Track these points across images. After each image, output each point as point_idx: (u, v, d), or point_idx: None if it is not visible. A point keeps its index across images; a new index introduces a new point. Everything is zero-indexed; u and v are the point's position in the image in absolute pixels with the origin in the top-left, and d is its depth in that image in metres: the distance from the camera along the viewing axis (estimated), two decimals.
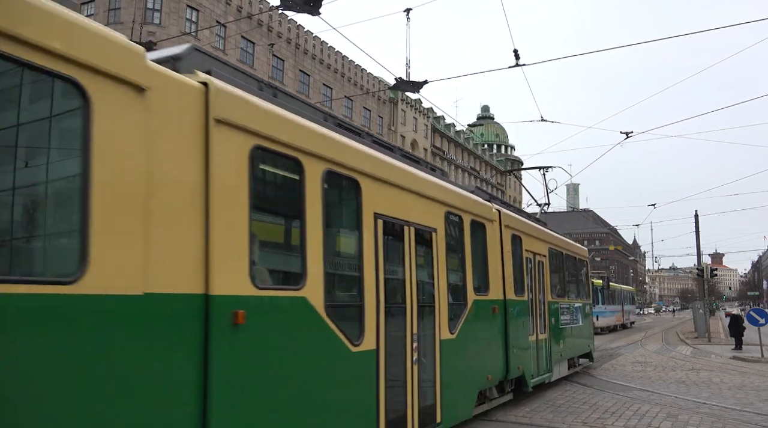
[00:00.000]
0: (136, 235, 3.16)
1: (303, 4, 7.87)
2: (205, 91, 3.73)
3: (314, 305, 4.46)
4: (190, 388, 3.33)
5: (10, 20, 2.65)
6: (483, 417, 8.35)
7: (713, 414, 8.88)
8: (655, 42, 9.83)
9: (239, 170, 3.90)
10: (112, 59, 3.11)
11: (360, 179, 5.21)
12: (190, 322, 3.41)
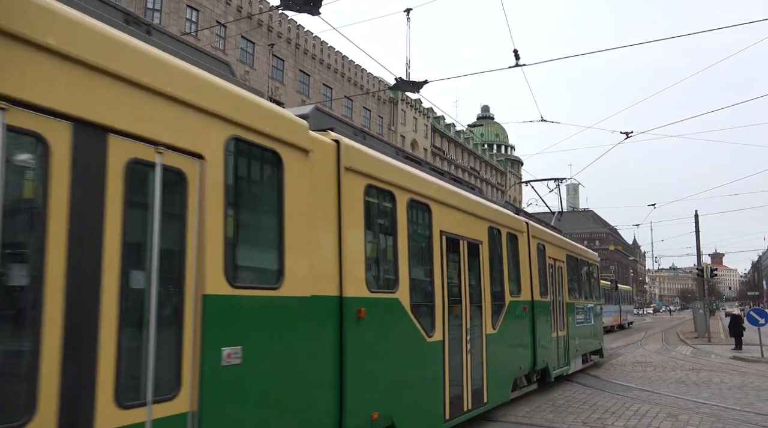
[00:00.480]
0: (306, 254, 4.58)
1: (303, 4, 7.87)
2: (336, 147, 5.16)
3: (404, 305, 5.93)
4: (333, 356, 4.90)
5: (258, 120, 4.22)
6: (483, 417, 8.35)
7: (713, 414, 8.88)
8: (655, 42, 9.85)
9: (358, 204, 5.33)
10: (294, 134, 4.54)
11: (431, 204, 6.76)
12: (333, 315, 4.93)
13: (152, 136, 3.35)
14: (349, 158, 5.23)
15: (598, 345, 15.78)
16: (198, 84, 3.75)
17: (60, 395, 2.77)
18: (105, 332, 3.02)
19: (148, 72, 3.38)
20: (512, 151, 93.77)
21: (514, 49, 10.23)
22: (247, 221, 4.38)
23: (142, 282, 3.30)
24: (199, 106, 3.69)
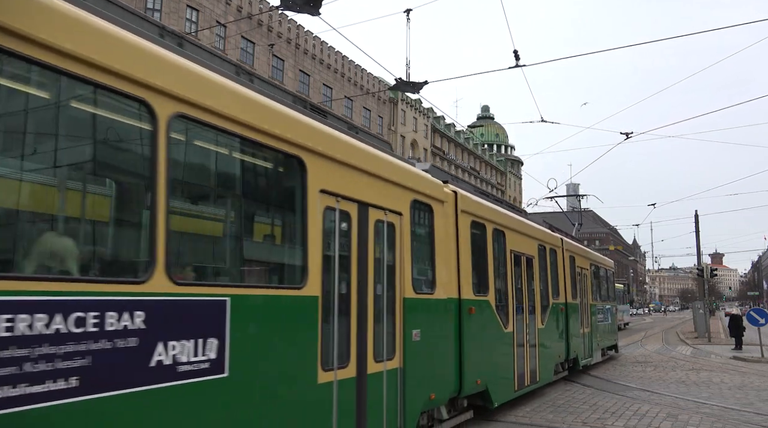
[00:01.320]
0: (445, 271, 7.05)
1: (303, 4, 7.87)
2: (455, 196, 7.65)
3: (492, 305, 8.44)
4: (456, 338, 7.30)
5: (423, 187, 6.75)
6: (483, 417, 8.36)
7: (713, 414, 8.88)
8: (655, 43, 9.85)
9: (466, 234, 7.82)
10: (439, 192, 7.09)
11: (506, 231, 9.36)
12: (455, 311, 7.33)
13: (387, 205, 5.93)
14: (463, 203, 7.83)
15: (614, 341, 18.50)
16: (399, 169, 6.36)
17: (357, 354, 5.26)
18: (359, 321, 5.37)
19: (388, 170, 6.06)
20: (512, 151, 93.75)
21: (514, 49, 10.24)
22: (418, 250, 6.69)
23: (380, 290, 5.77)
24: (400, 183, 6.25)
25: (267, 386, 4.23)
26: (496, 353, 8.58)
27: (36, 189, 3.35)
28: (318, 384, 4.73)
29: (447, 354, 7.02)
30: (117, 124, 3.62)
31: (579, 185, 73.41)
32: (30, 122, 3.19)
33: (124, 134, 3.67)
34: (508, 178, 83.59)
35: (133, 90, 3.40)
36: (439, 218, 7.01)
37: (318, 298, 4.76)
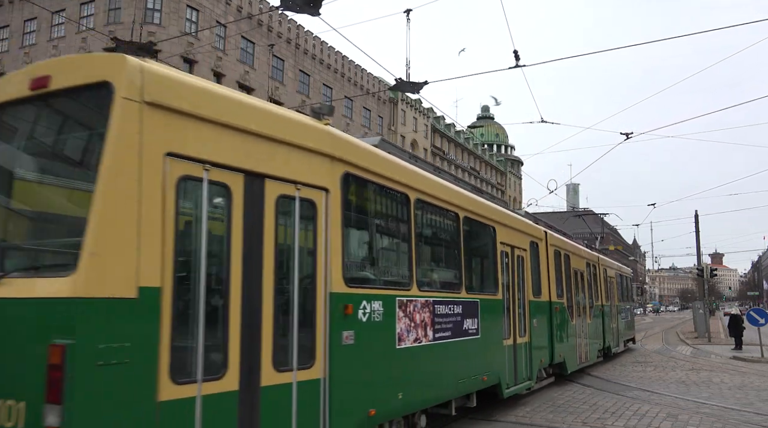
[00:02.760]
0: (547, 285, 11.22)
1: (303, 5, 7.87)
2: (545, 234, 11.78)
3: (565, 305, 12.33)
4: (549, 328, 11.16)
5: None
6: (483, 416, 8.36)
7: (713, 414, 8.88)
8: (655, 43, 9.87)
9: (552, 260, 11.60)
10: (541, 234, 11.38)
11: (570, 255, 13.29)
12: (548, 309, 11.16)
13: (521, 245, 10.17)
14: (551, 240, 11.87)
15: (633, 334, 22.94)
16: (525, 223, 10.62)
17: (513, 333, 9.39)
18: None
19: (522, 225, 10.61)
20: (512, 151, 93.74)
21: (514, 49, 10.23)
22: (533, 271, 10.71)
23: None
24: (525, 231, 10.39)
25: (491, 343, 8.40)
26: (568, 338, 12.52)
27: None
28: (506, 344, 8.96)
29: (546, 336, 11.02)
30: (398, 207, 6.47)
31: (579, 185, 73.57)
32: (373, 220, 6.15)
33: (399, 211, 6.46)
34: (508, 178, 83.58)
35: (401, 188, 6.36)
36: (541, 250, 11.18)
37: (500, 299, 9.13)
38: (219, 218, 4.19)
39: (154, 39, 31.46)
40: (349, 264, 5.29)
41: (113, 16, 33.92)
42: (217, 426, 3.85)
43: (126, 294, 3.46)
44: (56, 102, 4.02)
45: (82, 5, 35.22)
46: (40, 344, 3.24)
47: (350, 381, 5.06)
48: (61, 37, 35.90)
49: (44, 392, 3.17)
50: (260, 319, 4.26)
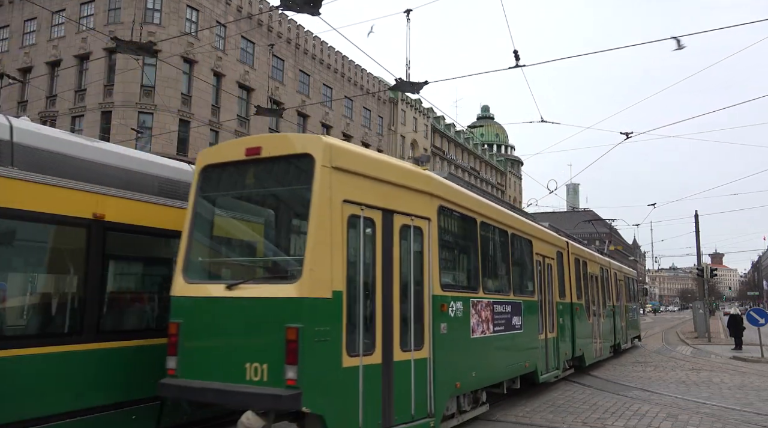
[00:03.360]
0: (573, 291, 13.15)
1: (303, 5, 7.87)
2: (567, 244, 13.37)
3: (583, 305, 14.02)
4: (572, 325, 12.87)
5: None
6: (483, 416, 8.36)
7: (713, 414, 8.88)
8: (655, 43, 9.85)
9: (573, 266, 13.40)
10: (564, 245, 13.18)
11: (588, 262, 15.19)
12: (572, 310, 12.93)
13: (549, 255, 11.97)
14: (572, 249, 13.57)
15: (638, 332, 24.60)
16: (554, 236, 12.69)
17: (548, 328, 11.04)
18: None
19: (551, 237, 12.43)
20: (512, 151, 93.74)
21: (514, 49, 10.23)
22: (559, 277, 12.38)
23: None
24: (553, 243, 12.17)
25: (530, 337, 9.93)
26: (585, 335, 13.96)
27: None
28: (539, 338, 10.59)
29: (569, 332, 12.59)
30: (469, 228, 8.10)
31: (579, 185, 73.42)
32: (455, 242, 7.98)
33: (470, 231, 8.08)
34: (508, 178, 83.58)
35: (471, 214, 8.00)
36: (564, 258, 12.85)
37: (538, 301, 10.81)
38: (368, 243, 5.86)
39: (154, 39, 31.41)
40: (442, 274, 6.91)
41: (113, 16, 33.92)
42: (370, 385, 5.60)
43: (327, 295, 5.24)
44: (265, 164, 5.89)
45: (82, 5, 35.20)
46: (277, 327, 5.05)
47: (445, 360, 6.72)
48: (61, 37, 35.89)
49: (284, 357, 4.97)
50: (392, 314, 5.93)
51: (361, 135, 50.57)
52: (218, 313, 5.54)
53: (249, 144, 5.94)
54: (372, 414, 5.62)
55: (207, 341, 5.53)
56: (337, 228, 5.42)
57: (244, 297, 5.34)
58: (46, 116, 35.42)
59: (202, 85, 34.85)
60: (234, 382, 5.16)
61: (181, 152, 33.74)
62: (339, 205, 5.48)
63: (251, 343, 5.24)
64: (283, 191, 6.22)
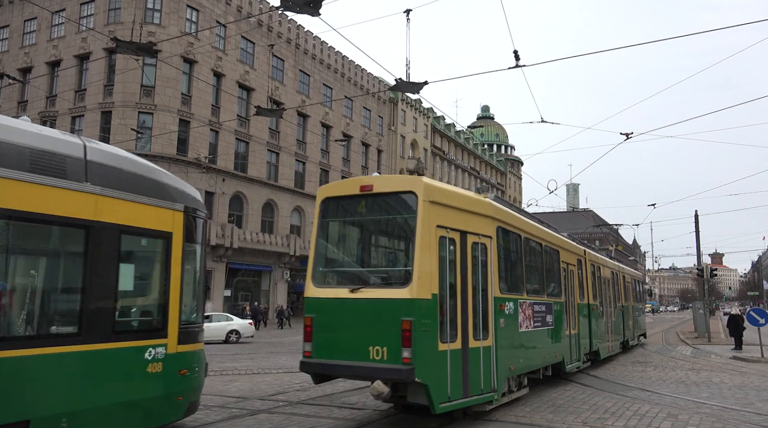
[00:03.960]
0: (591, 292, 14.85)
1: (303, 5, 7.87)
2: (584, 253, 15.01)
3: (598, 306, 15.62)
4: (588, 321, 14.27)
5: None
6: (483, 416, 8.36)
7: (713, 414, 8.87)
8: (655, 43, 9.85)
9: (590, 272, 15.06)
10: (582, 253, 14.71)
11: (601, 267, 16.82)
12: (590, 310, 14.48)
13: (571, 261, 13.51)
14: (588, 256, 15.09)
15: (644, 330, 26.07)
16: (576, 246, 14.43)
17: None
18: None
19: (572, 246, 14.14)
20: (512, 151, 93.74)
21: (514, 49, 10.23)
22: (580, 282, 14.07)
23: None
24: (573, 251, 13.74)
25: (559, 333, 11.50)
26: (600, 332, 15.57)
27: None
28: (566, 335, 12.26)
29: (587, 329, 14.08)
30: (516, 243, 9.69)
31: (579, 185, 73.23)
32: (524, 259, 10.08)
33: (516, 245, 9.72)
34: (508, 178, 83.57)
35: (517, 231, 9.71)
36: (582, 264, 14.37)
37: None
38: (452, 256, 7.62)
39: (154, 39, 31.42)
40: (500, 280, 8.64)
41: (113, 16, 33.93)
42: (454, 365, 7.34)
43: (428, 297, 7.05)
44: (375, 198, 7.74)
45: (82, 5, 35.22)
46: (395, 319, 6.85)
47: (503, 348, 8.50)
48: (61, 37, 35.90)
49: (401, 342, 6.77)
50: (467, 311, 7.72)
51: (361, 135, 50.57)
52: (344, 310, 7.34)
53: (362, 182, 7.84)
54: (456, 387, 7.39)
55: (335, 330, 7.36)
56: (433, 246, 7.29)
57: (366, 298, 7.20)
58: (46, 116, 35.43)
59: (202, 85, 34.84)
60: (360, 360, 6.99)
61: (181, 152, 33.76)
62: (434, 229, 7.34)
63: (373, 331, 6.99)
64: (392, 218, 8.04)
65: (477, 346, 7.78)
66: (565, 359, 11.96)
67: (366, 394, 10.04)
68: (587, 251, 15.32)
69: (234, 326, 25.35)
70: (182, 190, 6.81)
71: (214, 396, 10.29)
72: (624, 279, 20.60)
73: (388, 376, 6.81)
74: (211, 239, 33.90)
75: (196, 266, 7.09)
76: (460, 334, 7.50)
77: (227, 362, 16.42)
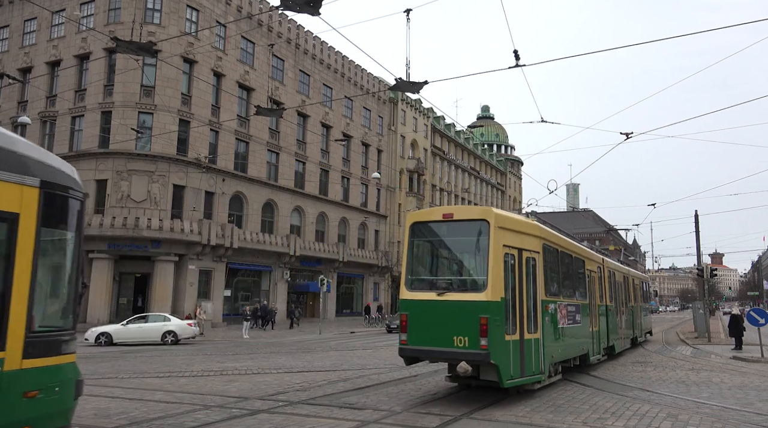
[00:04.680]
0: (610, 294, 17.50)
1: (303, 4, 7.88)
2: (603, 260, 17.39)
3: (614, 307, 17.85)
4: (606, 319, 16.30)
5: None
6: (483, 416, 8.36)
7: (713, 414, 8.88)
8: (655, 43, 9.81)
9: (609, 277, 17.26)
10: (601, 261, 17.10)
11: (615, 272, 18.76)
12: (607, 310, 16.56)
13: (593, 268, 15.37)
14: (607, 264, 17.32)
15: (650, 328, 28.83)
16: (595, 256, 16.31)
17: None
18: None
19: (592, 253, 16.21)
20: (512, 151, 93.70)
21: (514, 49, 10.23)
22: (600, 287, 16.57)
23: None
24: (593, 259, 15.65)
25: (585, 329, 13.73)
26: (615, 329, 17.58)
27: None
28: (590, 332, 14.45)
29: (605, 327, 15.90)
30: (554, 255, 11.86)
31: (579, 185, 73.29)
32: (565, 272, 12.76)
33: (554, 258, 11.82)
34: (508, 178, 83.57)
35: (554, 246, 11.81)
36: (602, 270, 16.35)
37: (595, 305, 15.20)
38: (512, 269, 9.71)
39: (154, 39, 31.40)
40: (545, 285, 10.79)
41: (113, 16, 33.92)
42: (515, 352, 9.47)
43: (498, 299, 9.12)
44: (455, 223, 10.00)
45: (82, 5, 35.21)
46: (474, 316, 8.92)
47: (547, 340, 10.64)
48: (61, 37, 35.89)
49: (479, 333, 8.83)
50: (523, 310, 9.84)
51: (361, 135, 50.57)
52: (432, 309, 9.46)
53: (445, 211, 10.24)
54: (516, 368, 9.54)
55: (425, 324, 9.46)
56: (500, 261, 9.41)
57: (451, 300, 9.38)
58: (46, 116, 35.43)
59: (202, 85, 34.84)
60: (446, 347, 9.14)
61: (181, 152, 33.76)
62: (501, 248, 9.51)
63: (456, 325, 9.10)
64: (468, 239, 10.01)
65: (530, 338, 9.95)
66: (590, 352, 14.09)
67: (365, 394, 10.34)
68: (605, 258, 17.80)
69: (171, 326, 24.06)
70: (41, 161, 5.18)
71: (214, 396, 10.29)
72: (633, 282, 22.66)
73: (471, 359, 8.89)
74: (211, 239, 33.92)
75: (64, 259, 5.62)
76: (518, 328, 9.65)
77: (227, 362, 16.42)
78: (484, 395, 10.21)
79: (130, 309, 32.21)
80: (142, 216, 31.61)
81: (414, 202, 55.60)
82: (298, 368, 14.89)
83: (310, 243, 42.65)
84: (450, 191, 65.17)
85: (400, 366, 14.19)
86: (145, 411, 8.83)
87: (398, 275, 53.17)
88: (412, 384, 11.94)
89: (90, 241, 31.64)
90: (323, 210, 45.57)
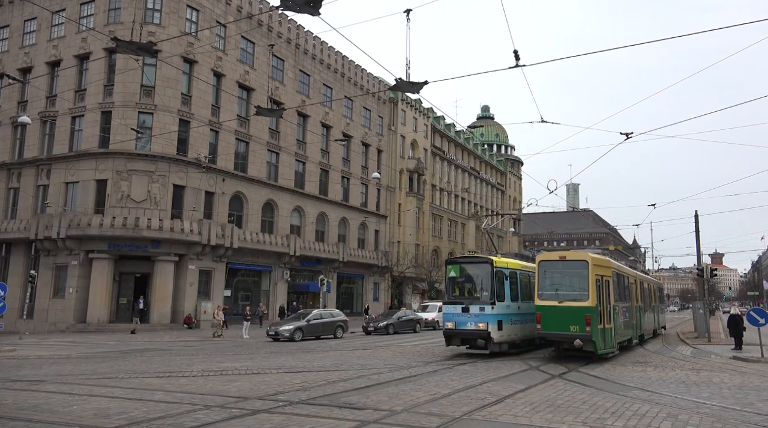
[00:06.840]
0: (637, 297, 23.04)
1: (303, 5, 7.88)
2: (615, 268, 20.72)
3: (642, 307, 23.76)
4: (638, 316, 22.43)
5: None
6: (483, 416, 8.36)
7: (713, 414, 8.87)
8: (655, 43, 9.83)
9: (635, 284, 22.53)
10: (610, 266, 18.97)
11: (645, 282, 26.30)
12: (638, 309, 22.84)
13: (605, 274, 17.75)
14: (617, 269, 20.20)
15: (664, 323, 34.39)
16: (626, 268, 22.83)
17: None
18: None
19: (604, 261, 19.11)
20: (512, 151, 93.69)
21: (514, 49, 10.24)
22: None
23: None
24: (604, 265, 17.94)
25: (629, 323, 20.60)
26: (643, 323, 23.12)
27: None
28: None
29: (638, 321, 21.95)
30: (612, 277, 18.04)
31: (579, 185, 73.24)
32: (612, 286, 18.14)
33: (614, 278, 18.43)
34: (508, 178, 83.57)
35: (616, 269, 19.30)
36: (636, 282, 22.32)
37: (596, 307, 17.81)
38: (599, 287, 16.54)
39: (154, 39, 31.42)
40: (614, 296, 17.62)
41: (113, 16, 33.91)
42: (603, 335, 16.56)
43: (594, 305, 16.20)
44: (567, 262, 17.19)
45: (82, 5, 35.20)
46: (582, 314, 16.16)
47: (616, 329, 17.57)
48: (61, 37, 35.90)
49: (585, 323, 16.05)
50: (604, 311, 16.89)
51: (361, 135, 50.58)
52: (555, 310, 16.28)
53: (560, 254, 17.50)
54: (602, 344, 16.28)
55: (551, 318, 16.33)
56: (594, 283, 16.13)
57: (566, 305, 16.22)
58: (46, 116, 35.43)
59: (202, 85, 34.84)
60: (564, 332, 16.13)
61: (181, 152, 33.77)
62: (594, 276, 16.19)
63: (570, 319, 16.03)
64: (575, 271, 16.54)
65: (608, 327, 16.78)
66: (632, 338, 20.85)
67: (365, 394, 10.37)
68: (638, 273, 24.38)
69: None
70: None
71: (214, 396, 10.29)
72: (652, 287, 28.93)
73: (581, 338, 15.80)
74: (211, 239, 33.92)
75: None
76: (603, 321, 16.28)
77: (227, 362, 16.43)
78: (485, 395, 10.21)
79: (129, 309, 32.22)
80: (142, 216, 31.61)
81: (414, 202, 55.61)
82: (298, 368, 14.90)
83: (310, 243, 42.66)
84: (450, 191, 65.18)
85: (400, 366, 14.19)
86: (145, 411, 8.83)
87: (398, 275, 53.28)
88: (412, 384, 11.95)
89: (90, 241, 31.67)
90: (323, 210, 45.58)
